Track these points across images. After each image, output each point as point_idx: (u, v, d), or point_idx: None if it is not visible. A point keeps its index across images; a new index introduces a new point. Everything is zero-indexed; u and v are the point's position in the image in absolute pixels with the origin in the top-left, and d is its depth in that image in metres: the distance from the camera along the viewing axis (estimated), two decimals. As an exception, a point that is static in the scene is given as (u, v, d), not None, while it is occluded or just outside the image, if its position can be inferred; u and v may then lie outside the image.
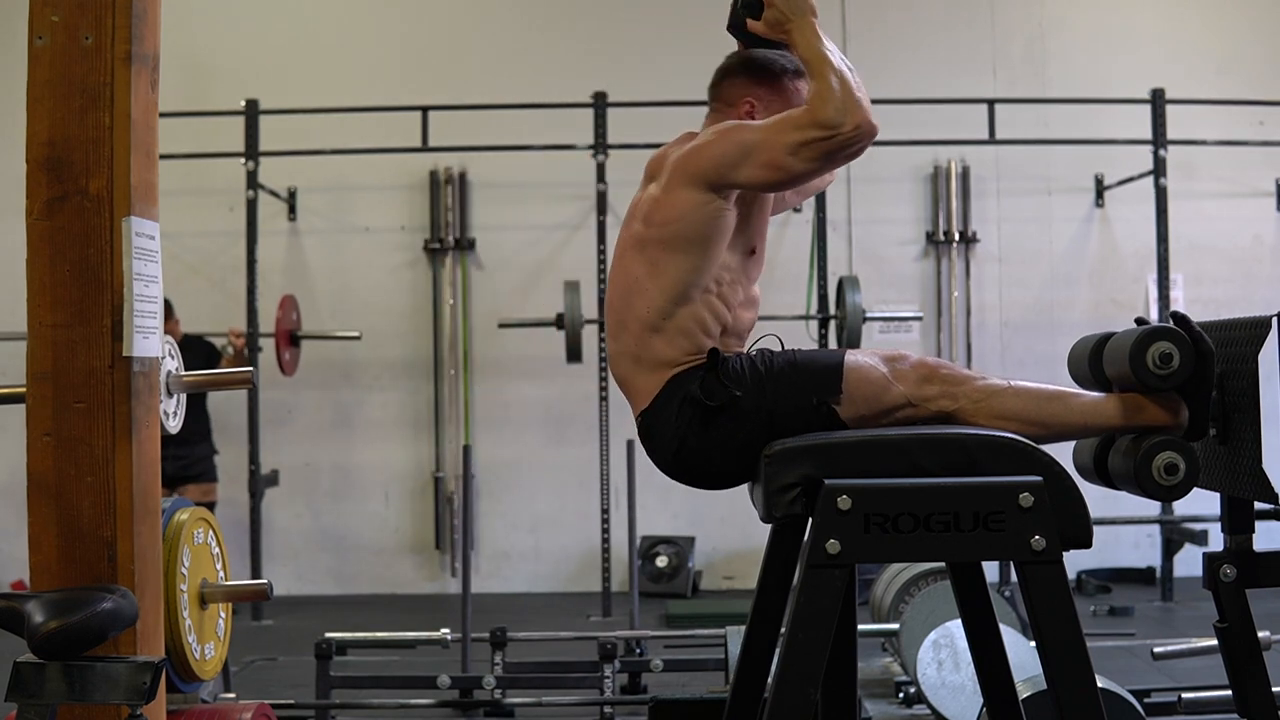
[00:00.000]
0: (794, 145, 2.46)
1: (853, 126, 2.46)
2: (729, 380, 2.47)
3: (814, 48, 2.55)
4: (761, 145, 2.48)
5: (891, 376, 2.45)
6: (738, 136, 2.52)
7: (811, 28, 2.58)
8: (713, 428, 2.47)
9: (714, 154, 2.52)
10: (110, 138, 2.10)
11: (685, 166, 2.54)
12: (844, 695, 2.72)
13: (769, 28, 2.62)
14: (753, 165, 2.48)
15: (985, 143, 7.42)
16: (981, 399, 2.43)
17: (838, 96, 2.46)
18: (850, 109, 2.46)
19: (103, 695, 1.93)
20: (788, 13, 2.59)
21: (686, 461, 2.52)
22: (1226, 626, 2.40)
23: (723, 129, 2.57)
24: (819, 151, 2.47)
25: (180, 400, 2.38)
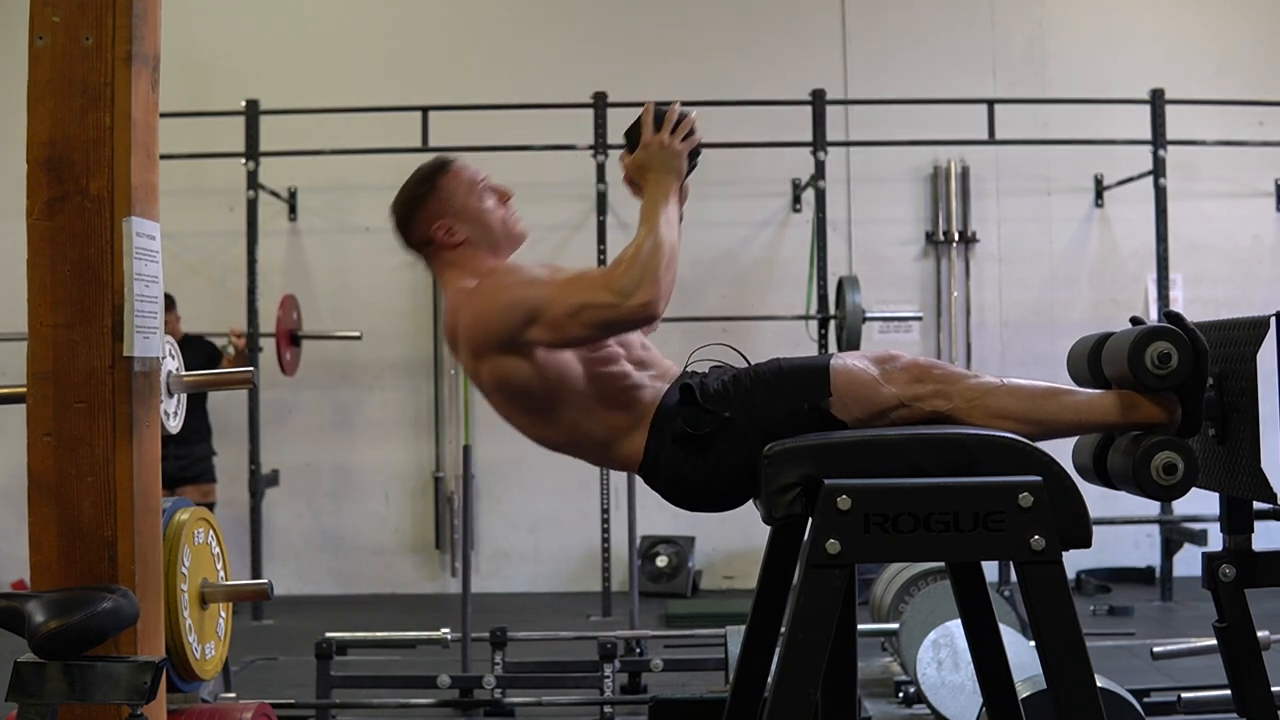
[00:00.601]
0: (575, 307, 2.39)
1: (639, 303, 2.36)
2: (712, 404, 2.46)
3: (656, 207, 2.46)
4: (546, 306, 2.41)
5: (882, 378, 2.44)
6: (520, 297, 2.44)
7: (665, 189, 2.48)
8: (710, 453, 2.45)
9: (497, 323, 2.44)
10: (110, 138, 2.11)
11: (477, 338, 2.47)
12: (844, 695, 2.72)
13: (632, 168, 2.55)
14: (538, 327, 2.41)
15: (985, 143, 7.42)
16: (975, 398, 2.43)
17: (639, 266, 2.37)
18: (645, 284, 2.36)
19: (103, 695, 1.93)
20: (654, 163, 2.51)
21: (696, 493, 2.51)
22: (1226, 626, 2.39)
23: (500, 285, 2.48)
24: (596, 318, 2.39)
25: (180, 400, 2.38)
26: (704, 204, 7.95)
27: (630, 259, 2.39)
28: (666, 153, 2.51)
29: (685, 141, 2.53)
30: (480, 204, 2.64)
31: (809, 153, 7.09)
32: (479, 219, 2.63)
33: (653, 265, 2.38)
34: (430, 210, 2.62)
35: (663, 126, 2.52)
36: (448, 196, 2.62)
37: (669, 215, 2.47)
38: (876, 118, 7.62)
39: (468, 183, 2.65)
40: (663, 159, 2.51)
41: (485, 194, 2.65)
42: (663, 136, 2.52)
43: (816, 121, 7.04)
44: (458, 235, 2.61)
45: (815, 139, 7.04)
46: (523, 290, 2.46)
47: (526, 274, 2.53)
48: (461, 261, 2.61)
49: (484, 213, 2.64)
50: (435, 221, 2.60)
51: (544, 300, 2.42)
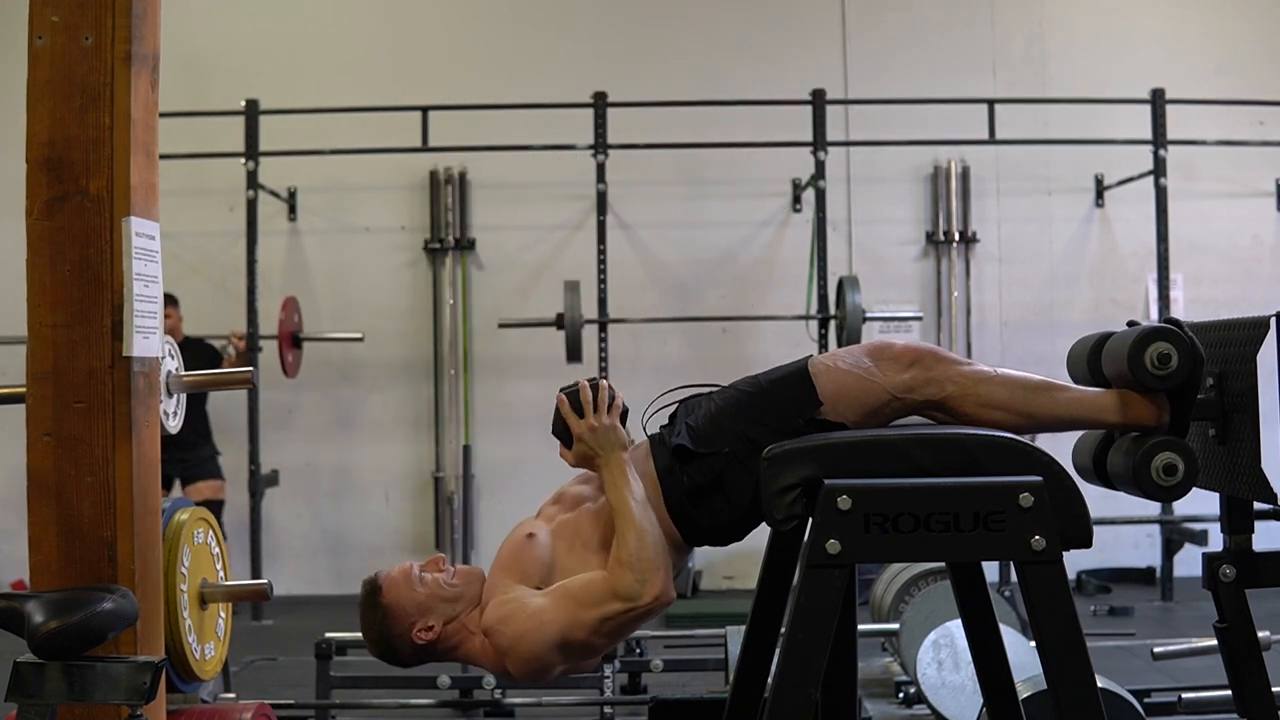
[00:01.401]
0: (595, 623, 2.41)
1: (651, 598, 2.40)
2: (707, 446, 2.46)
3: (620, 493, 2.46)
4: (570, 631, 2.42)
5: (870, 372, 2.43)
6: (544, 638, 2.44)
7: (620, 467, 2.48)
8: (725, 491, 2.46)
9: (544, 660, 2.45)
10: (110, 138, 2.11)
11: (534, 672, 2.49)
12: (844, 695, 2.72)
13: (578, 460, 2.54)
14: (570, 656, 2.45)
15: (985, 143, 7.42)
16: (969, 386, 2.42)
17: (636, 563, 2.40)
18: (648, 578, 2.39)
19: (103, 695, 1.93)
20: (596, 448, 2.50)
21: (731, 531, 2.51)
22: (1226, 626, 2.39)
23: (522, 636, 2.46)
24: (618, 624, 2.42)
25: (180, 400, 2.38)
26: (704, 204, 7.99)
27: (624, 561, 2.41)
28: (600, 433, 2.50)
29: (611, 412, 2.52)
30: (428, 590, 2.56)
31: (809, 153, 7.09)
32: (438, 600, 2.56)
33: (646, 559, 2.41)
34: (399, 630, 2.55)
35: (585, 412, 2.51)
36: (400, 609, 2.54)
37: (634, 494, 2.46)
38: (876, 118, 7.62)
39: (404, 583, 2.57)
40: (600, 440, 2.50)
41: (421, 580, 2.58)
42: (589, 421, 2.51)
43: (816, 121, 7.04)
44: (435, 626, 2.55)
45: (815, 139, 7.04)
46: (540, 632, 2.45)
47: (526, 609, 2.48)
48: (459, 634, 2.57)
49: (436, 594, 2.56)
50: (411, 633, 2.54)
51: (564, 629, 2.43)
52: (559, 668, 2.48)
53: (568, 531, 2.56)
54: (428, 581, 2.55)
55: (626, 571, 2.41)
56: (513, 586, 2.51)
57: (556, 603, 2.45)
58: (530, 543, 2.54)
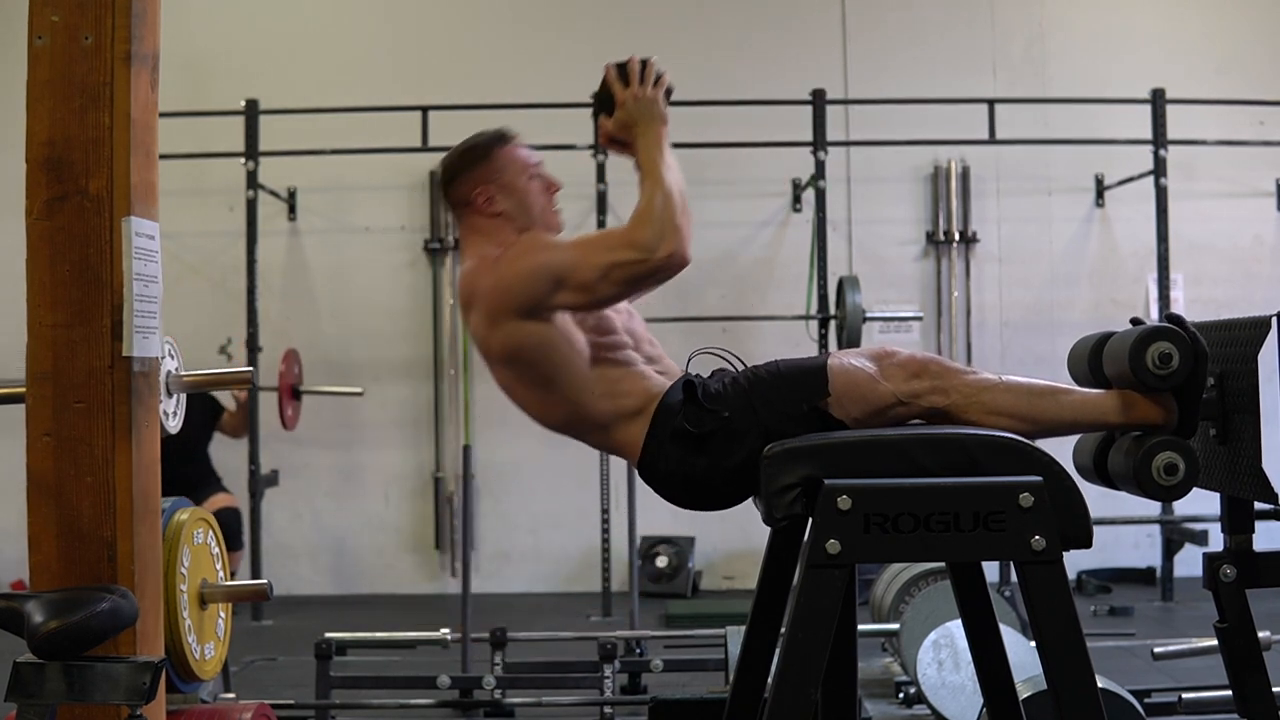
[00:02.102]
0: (604, 267, 2.44)
1: (665, 254, 2.44)
2: (712, 404, 2.47)
3: (653, 160, 2.52)
4: (571, 269, 2.46)
5: (879, 375, 2.45)
6: (545, 260, 2.49)
7: (656, 138, 2.54)
8: (709, 453, 2.46)
9: (522, 286, 2.49)
10: (110, 138, 2.11)
11: (497, 301, 2.50)
12: (844, 695, 2.72)
13: (618, 128, 2.60)
14: (566, 290, 2.46)
15: (985, 143, 7.42)
16: (973, 394, 2.43)
17: (657, 218, 2.44)
18: (667, 234, 2.43)
19: (103, 695, 1.93)
20: (637, 117, 2.57)
21: (692, 491, 2.52)
22: (1226, 626, 2.40)
23: (525, 251, 2.53)
24: (628, 274, 2.45)
25: (180, 400, 2.38)
26: (704, 204, 7.95)
27: (646, 214, 2.45)
28: (644, 103, 2.57)
29: (657, 86, 2.58)
30: (526, 185, 2.69)
31: (809, 153, 7.09)
32: (521, 199, 2.68)
33: (669, 215, 2.45)
34: (477, 175, 2.67)
35: (631, 80, 2.56)
36: (498, 169, 2.67)
37: (668, 161, 2.52)
38: (876, 118, 7.61)
39: (520, 162, 2.70)
40: (643, 110, 2.57)
41: (534, 179, 2.71)
42: (634, 90, 2.57)
43: (816, 121, 7.04)
44: (496, 206, 2.65)
45: (815, 139, 7.04)
46: (548, 255, 2.51)
47: (549, 240, 2.58)
48: (490, 231, 2.65)
49: (527, 194, 2.68)
50: (478, 187, 2.65)
51: (570, 263, 2.47)
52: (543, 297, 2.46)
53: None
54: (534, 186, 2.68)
55: (645, 225, 2.45)
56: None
57: (573, 242, 2.54)
58: None
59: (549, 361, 2.51)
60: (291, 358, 7.26)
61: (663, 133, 2.56)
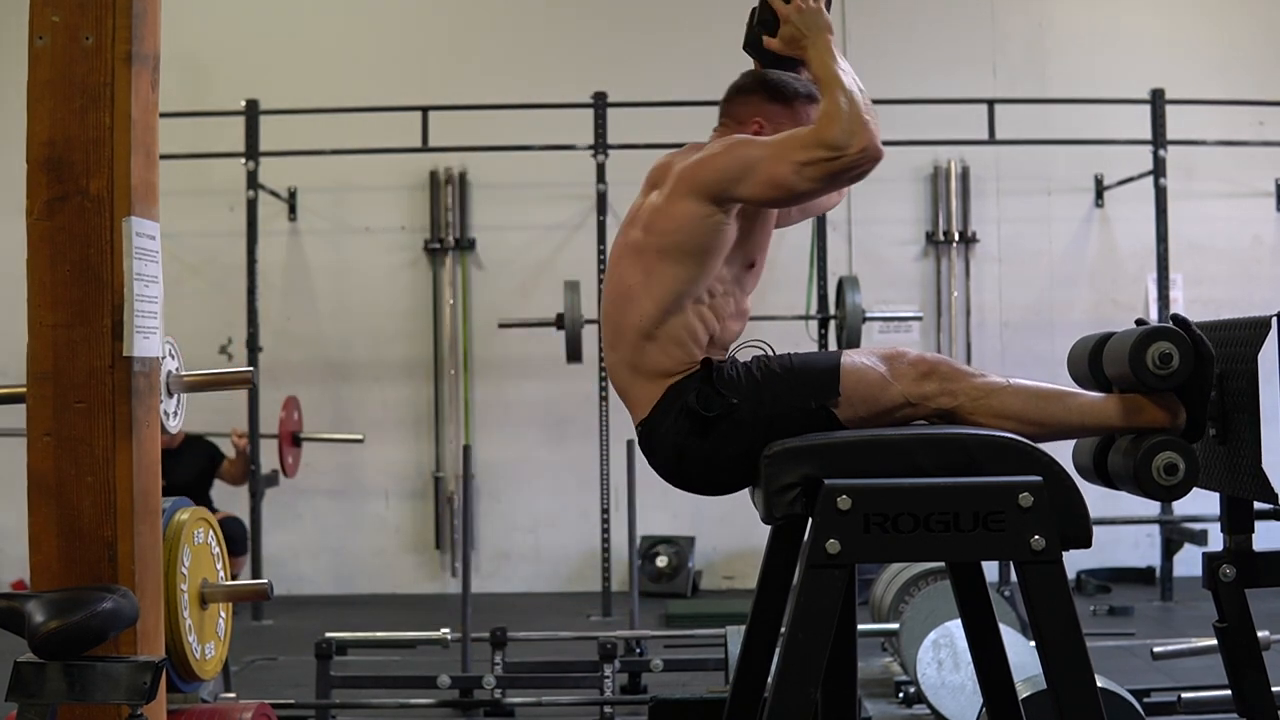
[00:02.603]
0: (798, 164, 2.46)
1: (859, 149, 2.45)
2: (724, 388, 2.47)
3: (828, 66, 2.54)
4: (766, 161, 2.48)
5: (890, 376, 2.45)
6: (743, 151, 2.52)
7: (827, 45, 2.57)
8: (711, 436, 2.46)
9: (718, 167, 2.52)
10: (110, 138, 2.11)
11: (689, 178, 2.54)
12: (844, 695, 2.72)
13: (785, 44, 2.62)
14: (756, 181, 2.48)
15: (985, 143, 7.42)
16: (980, 397, 2.43)
17: (845, 117, 2.45)
18: (857, 131, 2.45)
19: (103, 695, 1.93)
20: (803, 29, 2.59)
21: (687, 471, 2.52)
22: (1226, 626, 2.40)
23: (729, 143, 2.57)
24: (823, 171, 2.46)
25: (180, 400, 2.38)
26: (704, 204, 7.98)
27: (833, 114, 2.46)
28: (809, 14, 2.60)
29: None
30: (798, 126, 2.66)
31: (809, 153, 7.08)
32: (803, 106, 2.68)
33: (856, 113, 2.46)
34: (770, 110, 2.67)
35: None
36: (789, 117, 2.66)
37: (843, 66, 2.54)
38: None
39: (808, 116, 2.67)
40: (809, 20, 2.59)
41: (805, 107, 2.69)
42: (798, 3, 2.60)
43: (817, 121, 7.03)
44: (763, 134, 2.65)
45: (815, 139, 7.03)
46: (748, 148, 2.53)
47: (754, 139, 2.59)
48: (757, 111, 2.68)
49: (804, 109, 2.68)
50: (760, 118, 2.66)
51: (767, 156, 2.49)
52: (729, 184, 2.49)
53: None
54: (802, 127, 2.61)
55: (834, 123, 2.46)
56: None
57: (768, 142, 2.53)
58: None
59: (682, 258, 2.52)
60: (291, 404, 7.23)
61: (831, 41, 2.58)
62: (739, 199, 2.51)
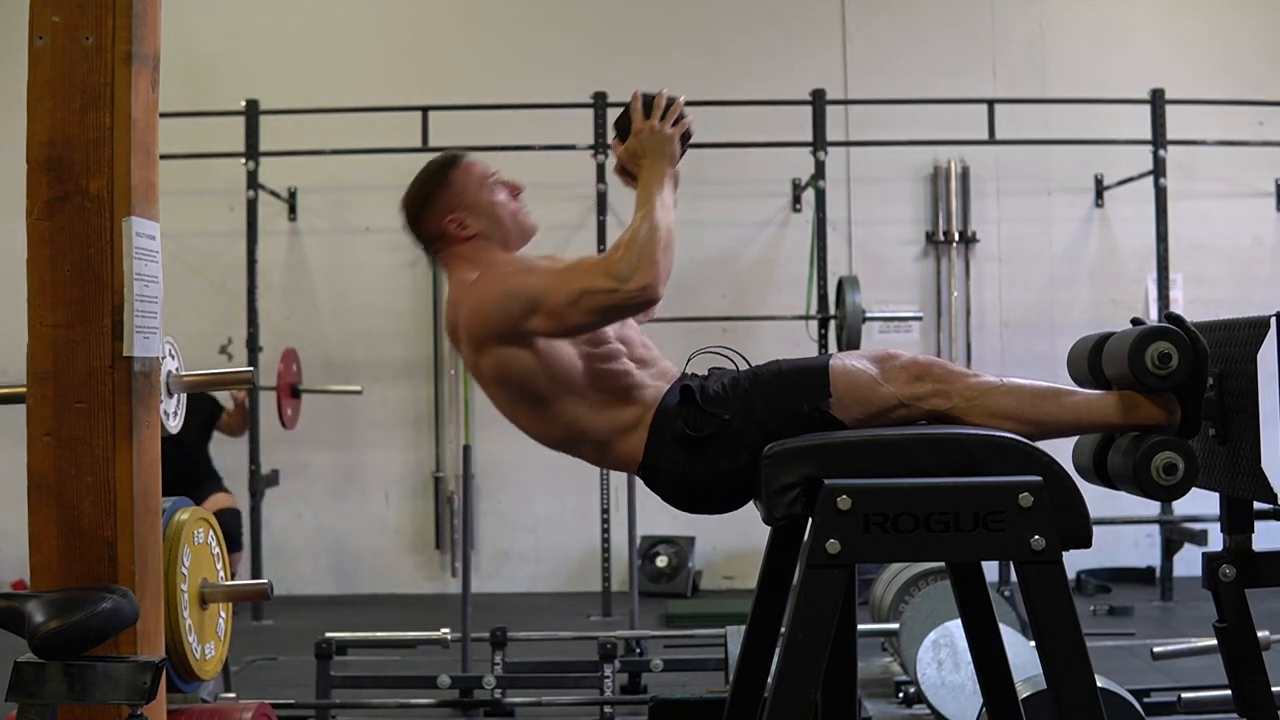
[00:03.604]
0: (575, 293, 2.41)
1: (637, 287, 2.39)
2: (712, 406, 2.46)
3: (650, 192, 2.49)
4: (545, 294, 2.43)
5: (881, 378, 2.45)
6: (518, 286, 2.46)
7: (661, 173, 2.51)
8: (709, 456, 2.46)
9: (496, 314, 2.47)
10: (110, 138, 2.11)
11: (477, 330, 2.50)
12: (844, 695, 2.72)
13: (626, 155, 2.57)
14: (538, 316, 2.44)
15: (985, 143, 7.42)
16: (975, 397, 2.43)
17: (637, 250, 2.40)
18: (643, 267, 2.38)
19: (103, 695, 1.93)
20: (646, 149, 2.54)
21: (694, 495, 2.52)
22: (1226, 626, 2.40)
23: (500, 275, 2.51)
24: (597, 304, 2.41)
25: (180, 400, 2.38)
26: (704, 204, 7.97)
27: (627, 243, 2.41)
28: (658, 138, 2.54)
29: (676, 126, 2.56)
30: (492, 197, 2.66)
31: (809, 153, 7.09)
32: (490, 212, 2.65)
33: (650, 248, 2.40)
34: (442, 204, 2.64)
35: (652, 113, 2.55)
36: (459, 190, 2.64)
37: (664, 199, 2.49)
38: (876, 118, 7.62)
39: (479, 177, 2.67)
40: (655, 144, 2.54)
41: (496, 188, 2.67)
42: (653, 123, 2.55)
43: (816, 121, 7.04)
44: (469, 229, 2.62)
45: (815, 139, 7.04)
46: (521, 280, 2.48)
47: (525, 264, 2.56)
48: (470, 255, 2.62)
49: (495, 206, 2.65)
50: (447, 215, 2.63)
51: (543, 289, 2.44)
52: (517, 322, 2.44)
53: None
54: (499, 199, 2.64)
55: (625, 253, 2.41)
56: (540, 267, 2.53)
57: (548, 269, 2.50)
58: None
59: (539, 382, 2.49)
60: (290, 357, 7.25)
61: (668, 172, 2.53)
62: (527, 334, 2.46)
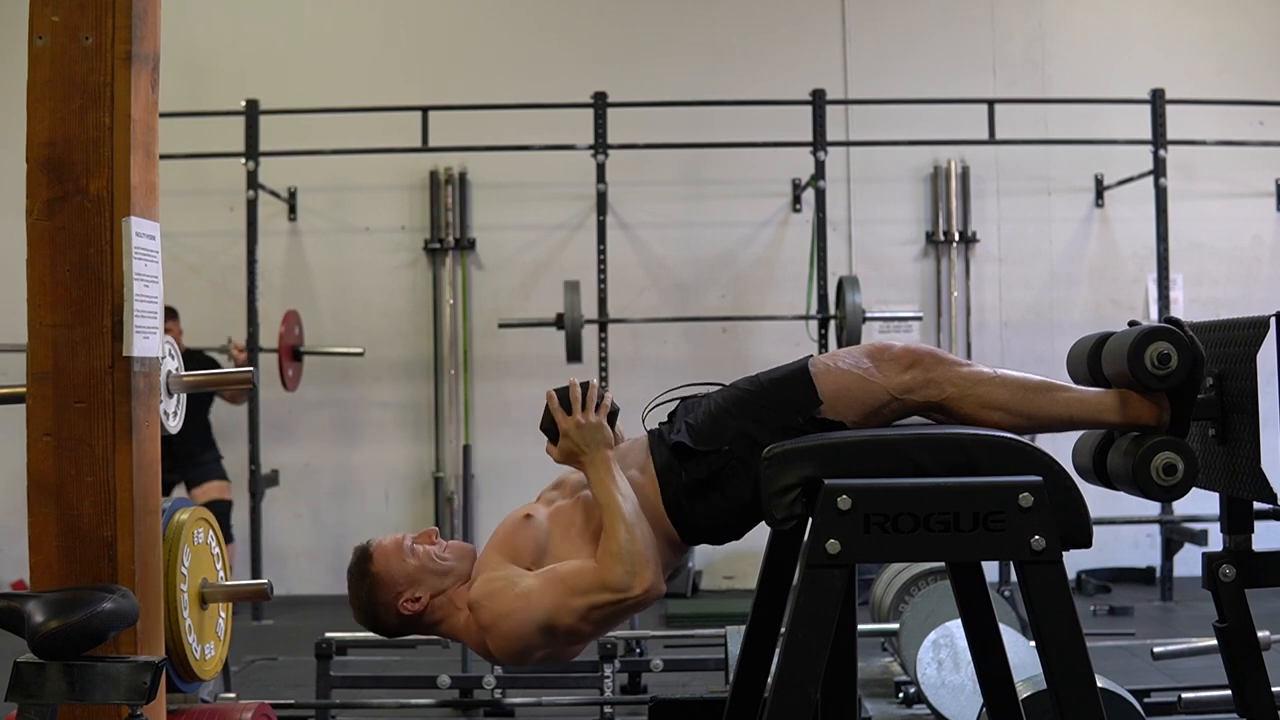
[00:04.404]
0: (584, 610, 2.43)
1: (641, 590, 2.43)
2: (706, 444, 2.47)
3: (607, 489, 2.47)
4: (555, 619, 2.44)
5: (870, 373, 2.44)
6: (527, 619, 2.45)
7: (605, 463, 2.50)
8: (724, 489, 2.47)
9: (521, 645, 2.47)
10: (110, 138, 2.11)
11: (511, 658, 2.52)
12: (844, 695, 2.72)
13: (563, 456, 2.56)
14: (556, 640, 2.47)
15: (985, 143, 7.42)
16: (968, 387, 2.43)
17: (626, 556, 2.42)
18: (638, 570, 2.42)
19: (103, 695, 1.93)
20: (581, 444, 2.52)
21: (729, 527, 2.53)
22: (1226, 626, 2.40)
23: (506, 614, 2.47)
24: (606, 614, 2.45)
25: (180, 400, 2.38)
26: (704, 204, 7.99)
27: (616, 554, 2.43)
28: (587, 430, 2.53)
29: (599, 411, 2.54)
30: (418, 562, 2.57)
31: (809, 153, 7.09)
32: (427, 576, 2.57)
33: (636, 551, 2.43)
34: (386, 599, 2.56)
35: (572, 409, 2.54)
36: (389, 577, 2.56)
37: (621, 490, 2.48)
38: (876, 118, 7.62)
39: (395, 553, 2.58)
40: (586, 437, 2.52)
41: (412, 551, 2.59)
42: (576, 418, 2.54)
43: (816, 121, 7.04)
44: (423, 598, 2.56)
45: (815, 139, 7.04)
46: (527, 611, 2.46)
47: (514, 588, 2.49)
48: (445, 608, 2.58)
49: (426, 567, 2.57)
50: (398, 604, 2.56)
51: (550, 613, 2.45)
52: (540, 651, 2.49)
53: (564, 517, 2.58)
54: (419, 553, 2.57)
55: (617, 563, 2.43)
56: (504, 565, 2.52)
57: (545, 585, 2.47)
58: (527, 524, 2.57)
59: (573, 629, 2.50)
60: (291, 319, 7.26)
61: (608, 457, 2.51)
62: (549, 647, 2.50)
